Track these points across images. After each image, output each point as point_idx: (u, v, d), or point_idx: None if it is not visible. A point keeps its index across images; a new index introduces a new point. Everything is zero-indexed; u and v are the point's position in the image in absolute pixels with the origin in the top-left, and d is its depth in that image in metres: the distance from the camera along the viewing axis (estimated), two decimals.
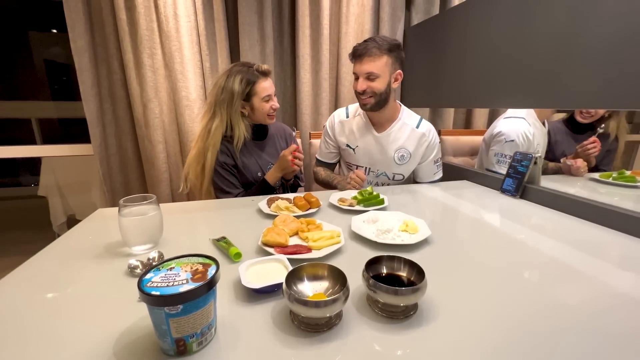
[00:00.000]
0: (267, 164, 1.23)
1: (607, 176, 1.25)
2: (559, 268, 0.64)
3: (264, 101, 1.13)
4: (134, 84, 1.50)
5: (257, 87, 1.10)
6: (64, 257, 0.67)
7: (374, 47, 1.08)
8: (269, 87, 1.13)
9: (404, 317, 0.47)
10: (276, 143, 1.30)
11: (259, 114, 1.15)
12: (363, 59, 1.10)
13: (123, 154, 1.65)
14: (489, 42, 1.25)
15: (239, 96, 1.09)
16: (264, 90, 1.11)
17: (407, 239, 0.72)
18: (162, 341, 0.39)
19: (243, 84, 1.09)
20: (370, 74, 1.10)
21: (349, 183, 1.15)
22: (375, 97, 1.14)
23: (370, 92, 1.13)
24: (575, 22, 0.93)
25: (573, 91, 0.95)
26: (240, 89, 1.08)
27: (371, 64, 1.09)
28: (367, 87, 1.12)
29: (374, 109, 1.17)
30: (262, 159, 1.23)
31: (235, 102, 1.09)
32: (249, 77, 1.10)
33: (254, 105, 1.13)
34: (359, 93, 1.15)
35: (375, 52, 1.08)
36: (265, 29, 1.62)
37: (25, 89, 2.92)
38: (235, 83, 1.08)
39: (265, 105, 1.13)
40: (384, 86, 1.13)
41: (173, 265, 0.43)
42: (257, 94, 1.11)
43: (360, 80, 1.13)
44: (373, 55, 1.09)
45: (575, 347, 0.42)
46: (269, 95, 1.13)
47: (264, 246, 0.66)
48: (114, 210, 0.67)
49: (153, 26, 1.47)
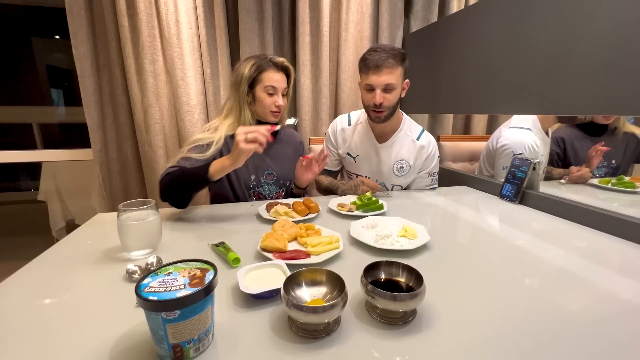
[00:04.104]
0: (267, 170, 1.15)
1: (606, 182, 1.25)
2: (558, 274, 0.64)
3: (267, 93, 1.05)
4: (135, 90, 1.51)
5: (264, 76, 1.04)
6: (62, 262, 0.67)
7: (390, 57, 1.05)
8: (276, 80, 1.05)
9: (402, 323, 0.47)
10: (284, 149, 1.21)
11: (260, 106, 1.07)
12: (381, 70, 1.05)
13: (123, 158, 1.65)
14: (487, 48, 1.27)
15: (246, 80, 1.03)
16: (269, 80, 1.04)
17: (406, 245, 0.72)
18: (159, 347, 0.39)
19: (252, 69, 1.03)
20: (389, 85, 1.06)
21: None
22: (389, 110, 1.11)
23: (386, 105, 1.09)
24: (573, 28, 0.94)
25: (572, 97, 0.96)
26: (248, 74, 1.03)
27: (390, 75, 1.05)
28: (384, 100, 1.08)
29: (385, 121, 1.15)
30: (264, 163, 1.14)
31: (242, 85, 1.04)
32: (260, 64, 1.04)
33: (256, 95, 1.06)
34: (375, 106, 1.09)
35: (392, 62, 1.05)
36: (266, 35, 1.63)
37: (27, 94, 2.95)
38: (247, 67, 1.03)
39: (267, 98, 1.05)
40: (397, 97, 1.11)
41: (171, 270, 0.43)
42: (261, 82, 1.04)
43: (378, 93, 1.07)
44: (391, 67, 1.05)
45: (575, 353, 0.42)
46: (274, 88, 1.05)
47: (263, 251, 0.66)
48: (113, 215, 0.67)
49: (155, 33, 1.48)
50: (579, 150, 1.42)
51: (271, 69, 1.04)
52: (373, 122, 1.18)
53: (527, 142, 1.35)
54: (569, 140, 1.44)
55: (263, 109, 1.07)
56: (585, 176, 1.31)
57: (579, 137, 1.43)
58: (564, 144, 1.44)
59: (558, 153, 1.45)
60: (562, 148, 1.44)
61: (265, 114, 1.08)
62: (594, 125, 1.40)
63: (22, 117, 2.80)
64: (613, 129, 1.38)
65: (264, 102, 1.06)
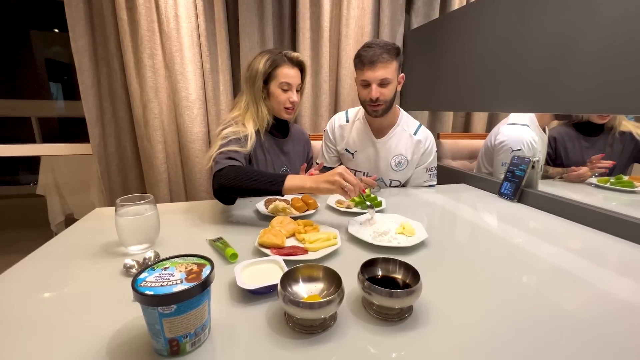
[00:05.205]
0: (282, 167, 1.15)
1: (604, 181, 1.25)
2: (555, 273, 0.64)
3: (281, 89, 1.04)
4: (134, 84, 1.50)
5: (279, 71, 1.03)
6: (60, 256, 0.67)
7: (384, 52, 1.06)
8: (291, 76, 1.04)
9: (398, 319, 0.47)
10: (295, 147, 1.22)
11: (274, 103, 1.06)
12: (376, 65, 1.07)
13: (122, 153, 1.65)
14: (489, 46, 1.26)
15: (261, 76, 1.02)
16: (284, 76, 1.03)
17: (404, 242, 0.72)
18: (156, 341, 0.39)
19: (267, 64, 1.02)
20: (384, 80, 1.08)
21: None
22: (386, 104, 1.13)
23: (382, 99, 1.11)
24: (575, 26, 0.93)
25: (572, 95, 0.95)
26: (263, 69, 1.02)
27: (385, 70, 1.07)
28: (380, 95, 1.10)
29: (382, 115, 1.16)
30: (278, 159, 1.14)
31: (257, 81, 1.03)
32: (275, 59, 1.03)
33: (271, 91, 1.05)
34: (372, 101, 1.11)
35: (387, 57, 1.06)
36: (266, 30, 1.62)
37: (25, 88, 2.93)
38: (261, 62, 1.02)
39: (281, 94, 1.04)
40: (393, 91, 1.13)
41: (167, 265, 0.43)
42: (276, 78, 1.03)
43: (374, 88, 1.09)
44: (385, 61, 1.07)
45: (571, 352, 0.42)
46: (288, 85, 1.04)
47: (261, 247, 0.66)
48: (111, 210, 0.67)
49: (154, 27, 1.47)
50: (570, 150, 1.41)
51: (286, 65, 1.04)
52: (370, 116, 1.19)
53: (526, 139, 1.34)
54: (560, 140, 1.43)
55: (277, 105, 1.07)
56: (584, 175, 1.31)
57: (572, 137, 1.42)
58: (555, 144, 1.43)
59: (549, 153, 1.44)
60: (553, 147, 1.43)
61: (279, 110, 1.08)
62: (590, 124, 1.39)
63: (21, 111, 2.79)
64: (609, 129, 1.38)
65: (278, 98, 1.05)
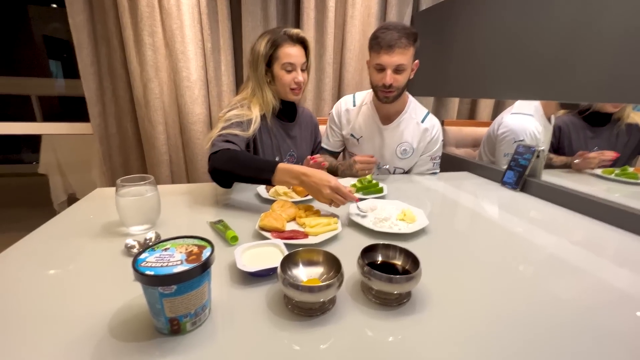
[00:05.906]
0: (289, 151, 1.11)
1: (609, 172, 1.23)
2: (555, 262, 0.64)
3: (285, 70, 0.99)
4: (134, 63, 1.47)
5: (280, 52, 0.97)
6: (61, 234, 0.67)
7: (404, 36, 1.01)
8: (294, 55, 0.98)
9: (397, 304, 0.47)
10: (303, 132, 1.17)
11: (279, 85, 1.01)
12: (394, 50, 1.01)
13: (123, 134, 1.63)
14: (500, 30, 1.22)
15: (262, 59, 0.98)
16: (287, 56, 0.97)
17: (404, 228, 0.72)
18: (157, 320, 0.40)
19: (267, 46, 0.97)
20: (400, 66, 1.04)
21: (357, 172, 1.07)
22: (398, 91, 1.09)
23: (395, 86, 1.07)
24: (588, 11, 0.89)
25: (585, 84, 0.92)
26: (264, 51, 0.97)
27: (402, 56, 1.02)
28: (394, 81, 1.06)
29: (393, 101, 1.13)
30: (285, 144, 1.10)
31: (259, 65, 0.98)
32: (275, 39, 0.97)
33: (275, 73, 1.00)
34: (384, 86, 1.07)
35: (405, 42, 1.01)
36: (269, 9, 1.57)
37: (24, 65, 2.88)
38: (262, 44, 0.97)
39: (285, 75, 0.99)
40: (407, 78, 1.09)
41: (168, 246, 0.43)
42: (278, 60, 0.98)
43: (388, 73, 1.04)
44: (403, 47, 1.01)
45: (567, 340, 0.43)
46: (292, 65, 0.98)
47: (261, 230, 0.66)
48: (112, 190, 0.67)
49: (153, 2, 1.42)
50: (574, 141, 1.37)
51: (287, 43, 0.98)
52: (380, 102, 1.16)
53: (529, 129, 1.32)
54: (565, 129, 1.39)
55: (282, 87, 1.02)
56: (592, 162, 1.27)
57: (577, 126, 1.38)
58: (560, 133, 1.40)
59: (552, 142, 1.42)
60: (557, 137, 1.40)
61: (285, 92, 1.03)
62: (597, 114, 1.36)
63: (21, 89, 2.75)
64: (616, 120, 1.35)
65: (282, 80, 1.00)
